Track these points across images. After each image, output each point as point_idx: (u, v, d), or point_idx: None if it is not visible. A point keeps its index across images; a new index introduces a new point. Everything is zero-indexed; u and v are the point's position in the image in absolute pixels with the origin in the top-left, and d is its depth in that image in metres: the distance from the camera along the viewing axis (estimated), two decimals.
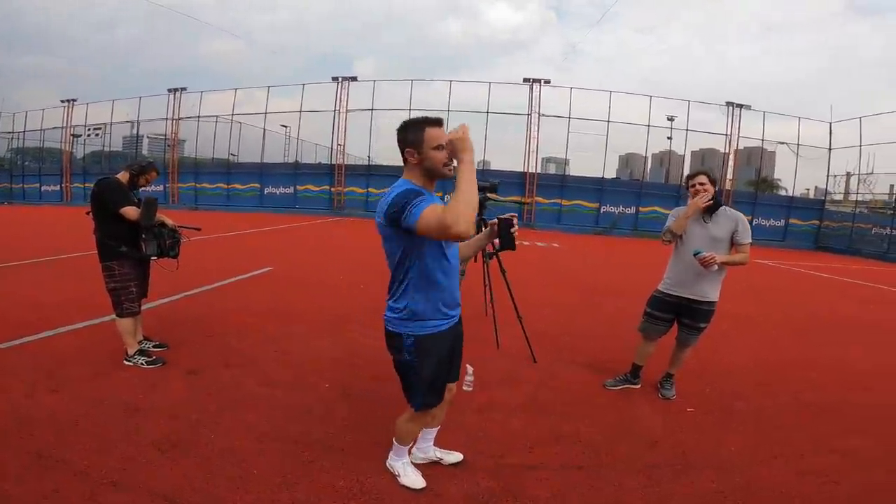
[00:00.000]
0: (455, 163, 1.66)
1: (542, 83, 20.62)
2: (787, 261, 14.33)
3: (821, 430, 2.94)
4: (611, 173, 23.58)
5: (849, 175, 21.72)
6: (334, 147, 22.44)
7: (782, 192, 24.26)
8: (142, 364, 3.28)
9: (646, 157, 22.99)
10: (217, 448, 2.34)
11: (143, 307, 3.51)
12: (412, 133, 1.71)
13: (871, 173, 19.73)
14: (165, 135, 24.46)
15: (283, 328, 4.35)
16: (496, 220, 1.98)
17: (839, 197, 22.12)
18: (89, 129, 25.99)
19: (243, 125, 24.38)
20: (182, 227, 3.54)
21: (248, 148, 24.45)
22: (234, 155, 24.77)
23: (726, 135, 20.82)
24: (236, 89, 24.16)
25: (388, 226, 1.68)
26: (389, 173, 21.75)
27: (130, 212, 3.18)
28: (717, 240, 3.06)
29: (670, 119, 21.38)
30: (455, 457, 2.37)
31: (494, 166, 22.19)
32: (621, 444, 2.62)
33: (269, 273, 6.92)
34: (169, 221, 3.41)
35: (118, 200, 3.19)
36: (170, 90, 23.83)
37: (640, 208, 20.72)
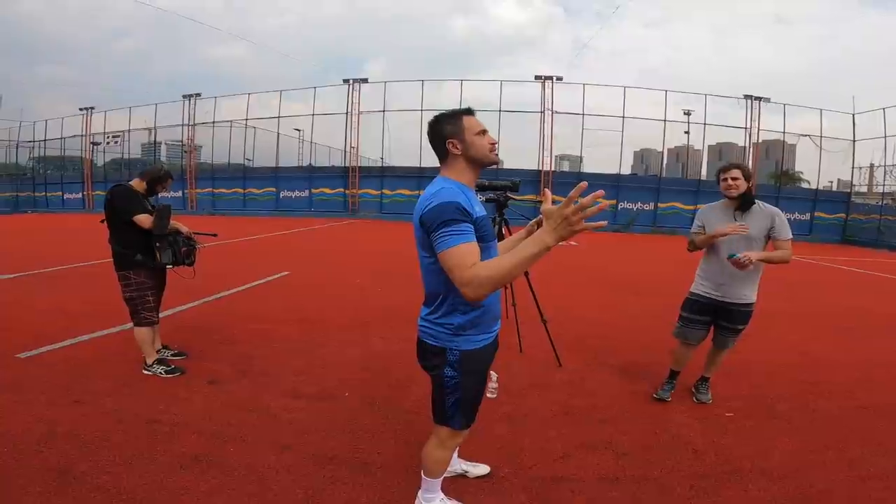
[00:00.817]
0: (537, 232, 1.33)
1: (555, 80, 20.37)
2: (814, 255, 13.90)
3: (881, 433, 2.76)
4: (626, 170, 23.21)
5: (872, 167, 21.07)
6: (347, 149, 22.52)
7: (804, 185, 23.58)
8: (160, 373, 3.25)
9: (663, 153, 22.50)
10: (238, 463, 2.28)
11: (161, 315, 3.48)
12: (449, 124, 1.61)
13: None
14: (182, 141, 24.83)
15: (300, 335, 4.29)
16: (536, 220, 1.79)
17: (864, 189, 21.45)
18: (108, 137, 26.49)
19: (257, 130, 24.60)
20: (197, 233, 3.50)
21: (262, 152, 24.70)
22: (249, 160, 25.03)
23: (746, 128, 20.33)
24: (249, 94, 24.43)
25: (423, 232, 1.51)
26: (403, 174, 21.79)
27: (144, 220, 3.15)
28: (752, 239, 2.87)
29: (687, 113, 20.96)
30: (482, 469, 2.26)
31: (508, 165, 21.96)
32: (660, 452, 2.49)
33: (286, 277, 6.90)
34: (184, 229, 3.37)
35: (131, 208, 3.15)
36: (185, 96, 24.10)
37: (659, 204, 20.36)
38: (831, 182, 23.91)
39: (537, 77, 20.53)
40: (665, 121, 20.67)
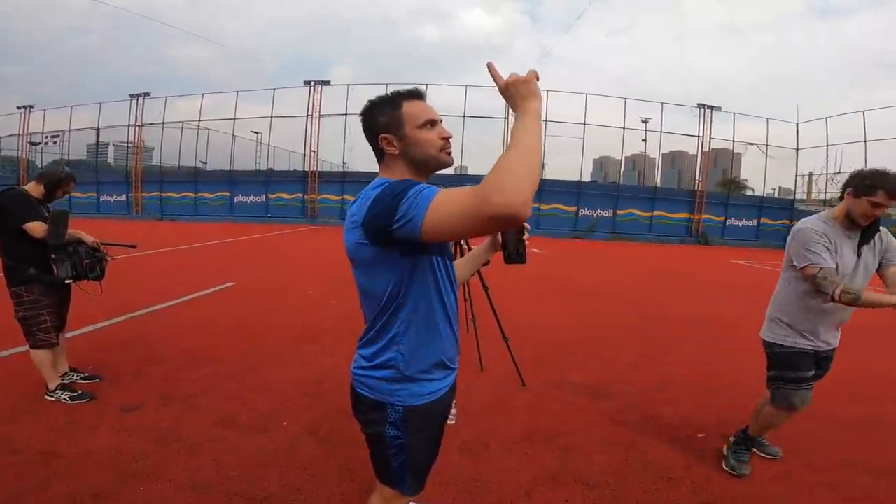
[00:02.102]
0: (512, 114, 1.06)
1: None
2: (762, 260, 14.41)
3: (860, 450, 2.66)
4: (586, 177, 23.62)
5: (812, 174, 22.31)
6: (307, 153, 21.83)
7: (748, 192, 24.72)
8: (65, 399, 2.82)
9: (621, 160, 23.04)
10: (149, 502, 1.93)
11: (79, 332, 3.01)
12: (385, 112, 1.20)
13: (839, 172, 20.24)
14: (127, 142, 23.49)
15: (238, 353, 3.84)
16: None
17: (803, 196, 22.66)
18: (47, 137, 24.86)
19: (212, 132, 23.60)
20: (107, 244, 3.03)
21: (217, 155, 23.71)
22: (203, 162, 23.93)
23: (698, 136, 21.08)
24: (203, 94, 23.40)
25: (370, 244, 1.12)
26: (366, 179, 21.20)
27: (36, 228, 2.68)
28: (870, 270, 2.23)
29: (644, 121, 21.52)
30: None
31: (472, 171, 21.93)
32: (632, 483, 2.25)
33: (230, 289, 6.35)
34: (88, 238, 2.90)
35: (21, 215, 2.68)
36: (132, 95, 22.90)
37: (618, 211, 20.76)
38: (774, 189, 25.16)
39: None
40: (624, 128, 21.15)
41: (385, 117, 1.20)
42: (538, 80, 1.04)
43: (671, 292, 8.00)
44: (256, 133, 24.42)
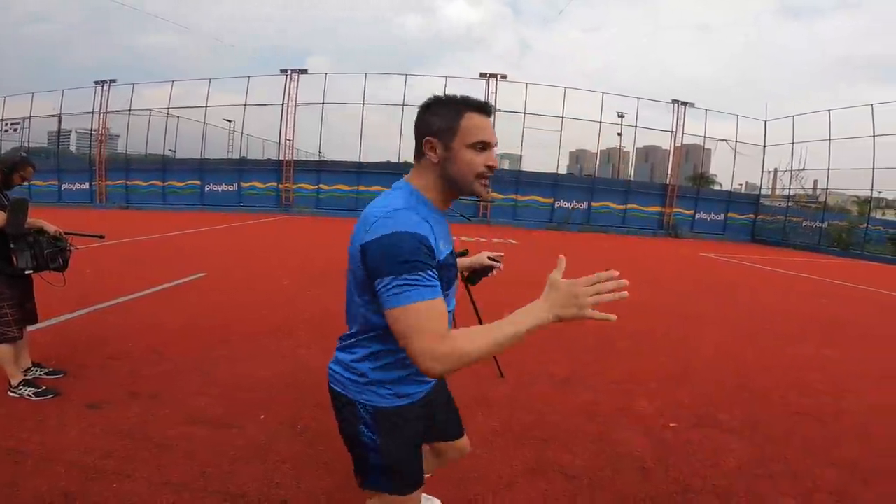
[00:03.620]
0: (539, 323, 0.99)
1: (499, 78, 20.45)
2: (728, 254, 14.88)
3: (820, 441, 2.75)
4: (562, 169, 23.89)
5: (776, 171, 23.10)
6: (282, 142, 21.37)
7: (717, 187, 25.46)
8: (29, 396, 2.71)
9: (597, 153, 23.37)
10: (123, 501, 1.87)
11: (41, 325, 2.88)
12: (443, 115, 1.10)
13: (803, 169, 21.01)
14: (91, 129, 22.50)
15: (212, 346, 3.75)
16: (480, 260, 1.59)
17: (769, 191, 23.47)
18: (6, 124, 23.64)
19: (182, 119, 22.77)
20: (71, 233, 2.89)
21: (187, 143, 22.89)
22: (171, 150, 23.12)
23: (672, 131, 21.53)
24: (173, 82, 22.60)
25: (362, 267, 1.07)
26: (342, 169, 21.04)
27: None
28: None
29: (620, 116, 21.82)
30: (434, 503, 1.95)
31: None
32: (609, 473, 2.30)
33: (201, 279, 6.17)
34: (50, 227, 2.76)
35: None
36: (97, 82, 21.96)
37: (593, 203, 21.08)
38: (741, 185, 25.95)
39: (482, 74, 20.50)
40: (600, 122, 21.40)
41: (440, 121, 1.10)
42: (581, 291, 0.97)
43: (643, 285, 8.18)
44: (229, 121, 23.76)
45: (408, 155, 21.45)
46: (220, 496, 1.97)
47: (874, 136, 17.85)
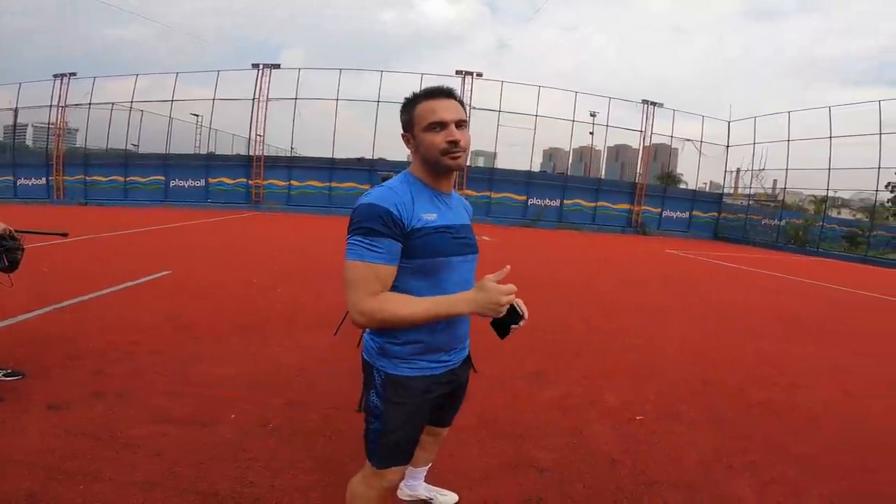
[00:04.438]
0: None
1: (475, 76, 20.50)
2: (693, 251, 15.39)
3: (776, 433, 2.86)
4: (535, 167, 24.19)
5: (738, 171, 24.00)
6: (253, 137, 20.87)
7: (683, 186, 26.26)
8: None
9: (570, 152, 23.73)
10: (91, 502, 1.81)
11: None
12: (405, 111, 1.29)
13: (763, 169, 21.88)
14: (48, 123, 21.47)
15: (176, 346, 3.64)
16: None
17: (731, 190, 24.38)
18: None
19: (147, 114, 21.98)
20: (28, 231, 2.76)
21: (151, 138, 22.10)
22: (134, 145, 22.27)
23: (641, 131, 22.06)
24: (137, 75, 21.75)
25: None
26: (314, 165, 20.73)
27: None
28: None
29: (593, 115, 22.24)
30: (450, 498, 1.98)
31: None
32: (579, 466, 2.35)
33: (166, 277, 5.98)
34: None
35: None
36: (56, 76, 21.02)
37: (565, 201, 21.42)
38: (705, 184, 26.83)
39: (458, 72, 20.50)
40: (573, 121, 21.73)
41: (404, 116, 1.29)
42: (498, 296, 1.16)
43: (613, 281, 8.39)
44: (196, 116, 23.05)
45: (380, 151, 21.33)
46: (191, 495, 1.93)
47: (830, 137, 18.75)
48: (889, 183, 22.04)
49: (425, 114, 1.23)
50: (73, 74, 21.16)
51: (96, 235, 9.41)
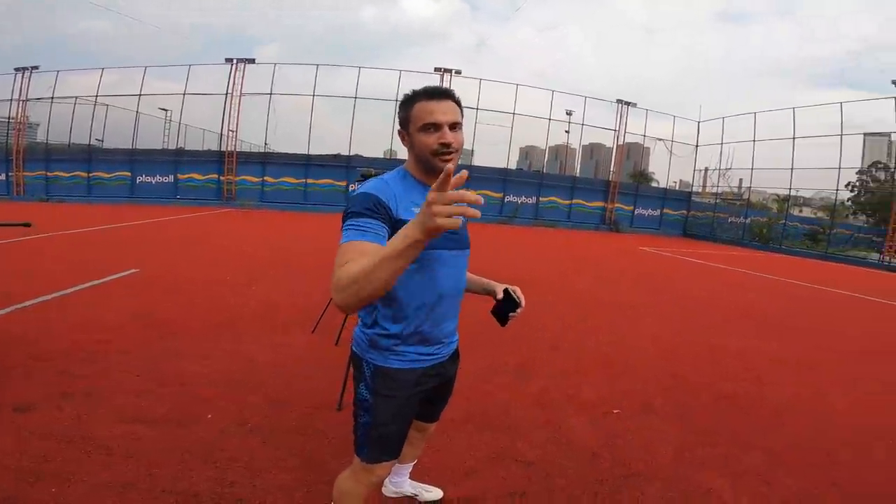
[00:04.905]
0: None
1: (454, 73, 20.47)
2: (664, 247, 15.80)
3: (742, 425, 2.95)
4: (512, 165, 24.38)
5: (706, 170, 24.75)
6: (225, 132, 20.34)
7: (654, 185, 26.89)
8: None
9: (546, 150, 24.00)
10: None
11: None
12: (402, 108, 1.31)
13: (730, 168, 22.61)
14: (9, 117, 20.47)
15: (146, 345, 3.52)
16: (504, 291, 1.49)
17: (699, 189, 25.14)
18: None
19: (112, 108, 21.15)
20: None
21: (117, 133, 21.25)
22: (98, 140, 21.40)
23: (615, 130, 22.48)
24: (103, 69, 20.90)
25: None
26: (289, 161, 20.37)
27: None
28: None
29: (569, 113, 22.51)
30: (434, 493, 1.98)
31: (402, 156, 21.45)
32: (561, 459, 2.39)
33: (134, 275, 5.77)
34: None
35: None
36: (17, 69, 20.08)
37: (541, 198, 21.66)
38: (675, 182, 27.53)
39: (437, 69, 20.43)
40: (549, 119, 21.97)
41: (402, 113, 1.31)
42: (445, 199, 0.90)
43: (588, 278, 8.54)
44: (166, 111, 22.33)
45: (357, 147, 21.11)
46: (170, 497, 1.88)
47: (794, 137, 19.50)
48: (849, 182, 23.15)
49: (421, 114, 1.25)
50: (36, 68, 20.29)
51: (59, 232, 9.02)
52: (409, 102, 1.28)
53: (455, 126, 1.26)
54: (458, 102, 1.29)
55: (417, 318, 1.33)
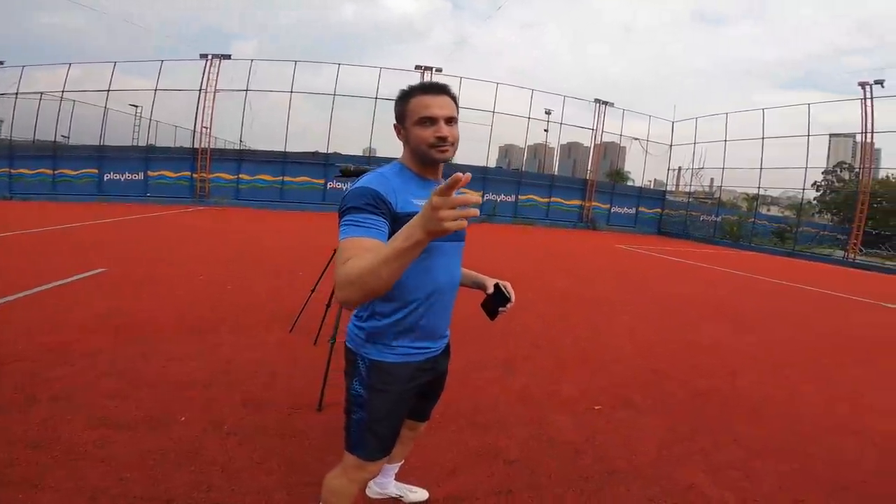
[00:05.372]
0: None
1: (434, 71, 20.39)
2: (639, 245, 16.09)
3: (719, 419, 3.00)
4: (492, 163, 24.48)
5: (680, 169, 25.33)
6: (199, 129, 19.81)
7: (630, 183, 27.38)
8: None
9: (525, 148, 24.17)
10: None
11: None
12: (399, 103, 1.33)
13: (702, 168, 23.19)
14: None
15: (116, 346, 3.39)
16: (495, 286, 1.54)
17: (673, 188, 25.74)
18: None
19: (79, 104, 20.37)
20: None
21: (84, 129, 20.45)
22: (64, 137, 20.60)
23: (593, 129, 22.79)
24: (70, 64, 20.16)
25: None
26: (265, 159, 20.01)
27: None
28: None
29: (548, 112, 22.68)
30: (419, 494, 1.97)
31: (381, 153, 21.50)
32: (544, 457, 2.39)
33: (101, 275, 5.55)
34: None
35: None
36: None
37: (520, 196, 21.81)
38: (650, 181, 28.10)
39: (417, 67, 20.31)
40: (529, 118, 22.10)
41: (398, 108, 1.33)
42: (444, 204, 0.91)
43: (566, 275, 8.63)
44: (135, 107, 21.62)
45: (336, 145, 20.87)
46: (145, 501, 1.82)
47: (763, 138, 20.11)
48: (815, 182, 24.02)
49: (418, 108, 1.27)
50: (1, 63, 19.44)
51: (21, 231, 8.64)
52: (405, 97, 1.31)
53: (451, 120, 1.29)
54: (454, 98, 1.32)
55: (413, 311, 1.34)
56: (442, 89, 1.30)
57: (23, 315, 3.95)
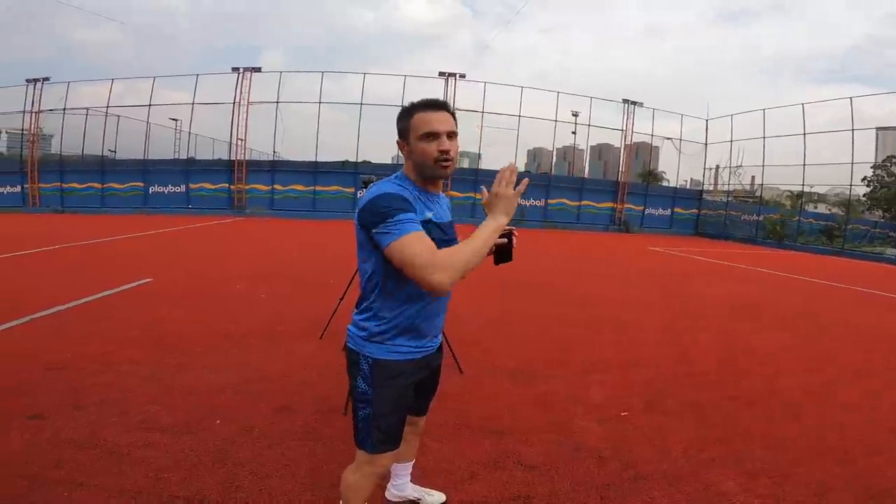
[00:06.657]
0: (487, 216, 1.36)
1: (458, 77, 20.53)
2: (674, 247, 15.64)
3: (755, 424, 2.91)
4: (519, 167, 24.31)
5: (717, 168, 24.48)
6: (234, 142, 20.61)
7: (664, 184, 26.66)
8: None
9: (553, 151, 23.95)
10: None
11: None
12: (401, 120, 1.41)
13: (741, 166, 22.35)
14: (22, 129, 20.95)
15: (157, 355, 3.56)
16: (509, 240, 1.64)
17: (710, 187, 24.89)
18: None
19: (123, 119, 21.56)
20: None
21: (129, 144, 21.66)
22: (111, 151, 21.82)
23: (622, 130, 22.36)
24: (113, 79, 21.41)
25: (361, 229, 1.35)
26: (297, 169, 20.58)
27: None
28: None
29: (575, 114, 22.40)
30: (437, 497, 2.00)
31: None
32: (566, 463, 2.37)
33: (147, 286, 5.86)
34: None
35: None
36: (28, 80, 20.49)
37: (549, 200, 21.59)
38: (686, 181, 27.28)
39: (441, 73, 20.52)
40: (556, 121, 21.90)
41: (401, 124, 1.40)
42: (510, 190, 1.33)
43: (597, 279, 8.48)
44: (175, 120, 22.68)
45: (365, 154, 21.25)
46: (180, 500, 1.92)
47: (804, 133, 19.22)
48: (865, 177, 22.74)
49: (421, 124, 1.35)
50: (47, 79, 20.70)
51: (74, 243, 9.20)
52: (407, 114, 1.37)
53: (452, 135, 1.37)
54: (453, 114, 1.40)
55: (411, 311, 1.42)
56: (442, 106, 1.38)
57: (72, 324, 4.21)
